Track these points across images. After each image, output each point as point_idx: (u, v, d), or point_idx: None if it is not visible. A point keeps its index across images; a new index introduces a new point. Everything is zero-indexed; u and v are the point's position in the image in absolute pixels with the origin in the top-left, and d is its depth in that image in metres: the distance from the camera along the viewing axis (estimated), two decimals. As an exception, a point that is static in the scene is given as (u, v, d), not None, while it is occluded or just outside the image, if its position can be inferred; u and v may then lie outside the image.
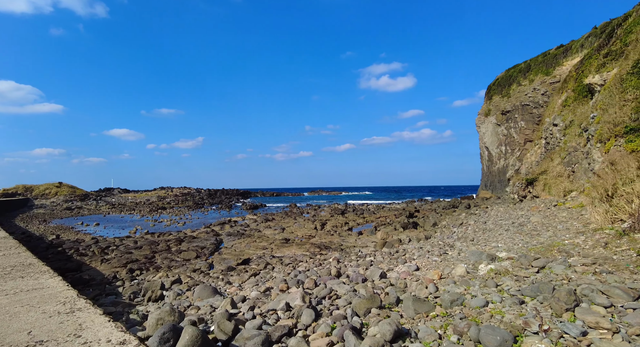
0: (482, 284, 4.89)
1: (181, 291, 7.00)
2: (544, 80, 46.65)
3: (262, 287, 6.51)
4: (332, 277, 5.89)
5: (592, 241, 5.20)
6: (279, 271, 8.81)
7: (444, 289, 4.93)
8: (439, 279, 4.96)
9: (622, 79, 15.73)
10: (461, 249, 7.57)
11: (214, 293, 6.31)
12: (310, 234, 18.85)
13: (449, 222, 18.49)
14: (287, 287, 5.87)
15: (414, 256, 7.70)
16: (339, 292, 5.13)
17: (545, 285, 4.34)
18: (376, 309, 4.55)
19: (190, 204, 54.10)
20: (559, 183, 19.58)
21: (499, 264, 4.96)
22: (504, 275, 5.01)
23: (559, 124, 22.44)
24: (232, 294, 6.43)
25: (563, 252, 5.01)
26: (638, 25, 17.07)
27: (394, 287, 5.12)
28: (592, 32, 43.19)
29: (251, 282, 7.05)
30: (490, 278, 5.02)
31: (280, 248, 14.41)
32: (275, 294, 5.77)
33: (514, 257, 5.62)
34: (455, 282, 5.03)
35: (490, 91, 59.31)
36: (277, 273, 8.10)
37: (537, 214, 11.51)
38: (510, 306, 4.13)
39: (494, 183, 58.12)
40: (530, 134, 48.29)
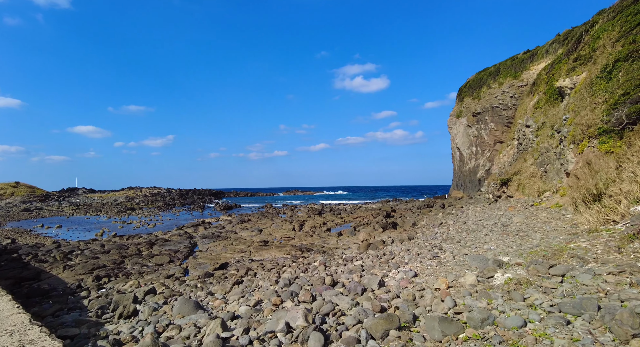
0: (506, 297, 4.40)
1: (157, 304, 6.24)
2: (513, 83, 48.19)
3: (251, 299, 5.89)
4: (327, 287, 5.42)
5: (599, 244, 5.04)
6: (263, 277, 8.30)
7: (464, 303, 4.42)
8: (446, 288, 4.63)
9: (592, 82, 16.24)
10: (452, 251, 7.39)
11: (196, 308, 5.61)
12: (289, 236, 18.37)
13: (428, 222, 18.52)
14: (281, 300, 5.31)
15: (404, 259, 7.43)
16: (341, 307, 4.61)
17: (587, 300, 3.73)
18: (395, 331, 4.01)
19: (161, 205, 52.15)
20: (533, 183, 20.08)
21: (515, 272, 4.64)
22: (527, 286, 4.50)
23: (531, 125, 23.05)
24: (216, 308, 5.78)
25: (576, 258, 4.78)
26: (605, 32, 17.71)
27: (405, 301, 4.68)
28: (555, 39, 45.10)
29: (236, 293, 6.47)
30: (513, 289, 4.50)
31: (259, 251, 13.86)
32: (268, 310, 5.15)
33: (522, 262, 5.27)
34: (472, 294, 4.59)
35: (461, 93, 60.74)
36: (262, 281, 7.58)
37: (518, 214, 11.61)
38: (556, 327, 3.52)
39: (465, 183, 59.61)
40: (499, 135, 49.80)
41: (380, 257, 8.57)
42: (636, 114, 11.53)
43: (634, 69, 14.08)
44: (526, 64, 48.87)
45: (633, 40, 15.09)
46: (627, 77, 14.06)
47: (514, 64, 50.96)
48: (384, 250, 10.04)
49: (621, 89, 13.75)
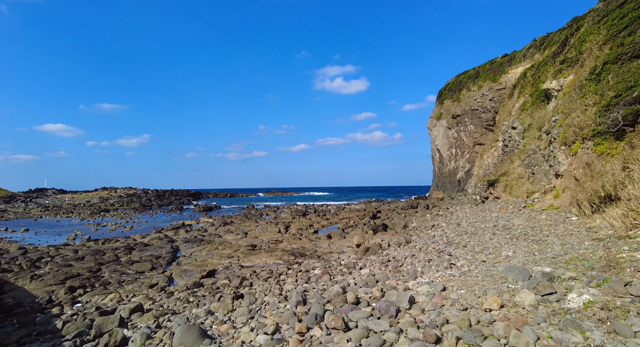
0: (604, 329, 3.48)
1: (150, 329, 5.31)
2: (492, 86, 49.06)
3: (264, 323, 4.95)
4: (352, 307, 4.65)
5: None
6: (263, 289, 7.58)
7: (550, 336, 3.52)
8: (499, 308, 4.08)
9: (581, 84, 16.33)
10: (467, 258, 6.93)
11: (201, 336, 4.50)
12: (276, 239, 17.65)
13: (419, 224, 18.20)
14: (307, 327, 4.52)
15: (416, 267, 6.90)
16: (387, 337, 3.86)
17: None
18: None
19: (137, 206, 50.13)
20: (521, 185, 20.11)
21: (587, 291, 4.05)
22: (623, 313, 3.59)
23: (517, 127, 23.17)
24: (225, 335, 4.84)
25: (638, 272, 4.36)
26: (591, 35, 17.91)
27: (461, 328, 3.86)
28: (532, 44, 46.31)
29: (242, 313, 5.67)
30: (606, 317, 3.59)
31: (248, 256, 13.10)
32: (295, 341, 4.20)
33: (576, 276, 4.52)
34: (549, 322, 3.73)
35: (441, 96, 61.47)
36: (267, 295, 6.85)
37: (516, 216, 11.36)
38: None
39: (444, 184, 60.34)
40: (479, 137, 50.59)
41: (385, 263, 8.01)
42: (632, 116, 11.50)
43: (624, 71, 14.19)
44: (504, 68, 49.87)
45: (621, 43, 15.25)
46: (617, 79, 14.15)
47: (492, 67, 51.88)
48: (385, 255, 9.53)
49: (612, 90, 13.81)
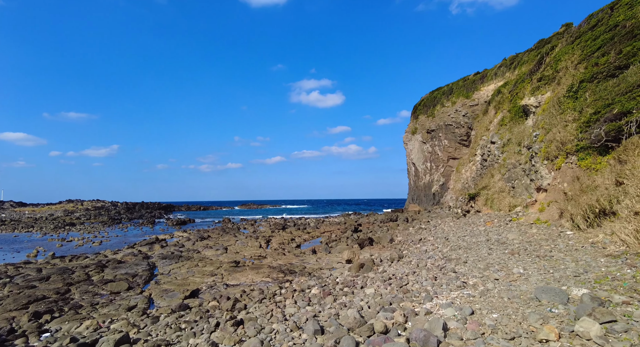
0: None
1: None
2: (465, 102, 50.68)
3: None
4: (386, 338, 4.19)
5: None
6: (262, 313, 6.93)
7: None
8: (557, 339, 3.72)
9: (559, 101, 16.89)
10: (476, 276, 6.64)
11: None
12: (259, 254, 16.93)
13: (405, 238, 18.01)
14: None
15: (423, 286, 6.52)
16: None
17: None
18: None
19: (106, 220, 47.61)
20: (502, 198, 20.41)
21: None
22: None
23: (496, 141, 23.70)
24: None
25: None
26: (566, 55, 18.69)
27: None
28: (502, 63, 48.47)
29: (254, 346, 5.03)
30: None
31: (233, 274, 12.35)
32: None
33: (630, 301, 4.17)
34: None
35: (416, 111, 62.88)
36: (272, 322, 6.19)
37: (509, 231, 11.32)
38: None
39: (420, 197, 61.24)
40: (453, 151, 51.86)
41: (387, 281, 7.60)
42: (615, 132, 11.87)
43: (600, 89, 14.77)
44: (477, 85, 51.70)
45: (596, 63, 15.94)
46: (594, 96, 14.69)
47: (465, 84, 53.68)
48: (382, 272, 9.15)
49: (591, 107, 14.30)
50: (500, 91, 38.31)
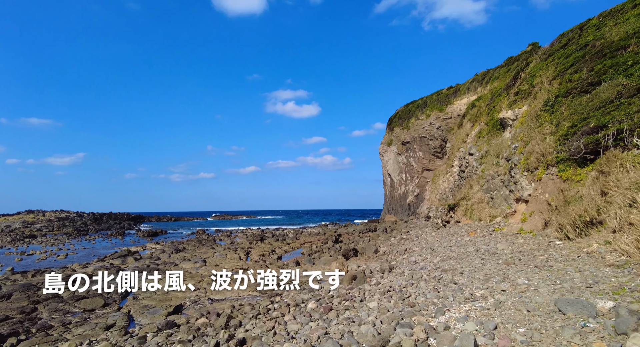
0: None
1: None
2: (439, 116, 52.19)
3: None
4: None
5: None
6: (264, 330, 6.45)
7: None
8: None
9: (536, 115, 17.52)
10: (479, 287, 6.50)
11: None
12: (240, 266, 16.33)
13: (389, 249, 17.95)
14: None
15: (428, 298, 6.30)
16: None
17: None
18: None
19: (71, 231, 44.98)
20: (482, 209, 20.79)
21: None
22: None
23: (474, 153, 24.27)
24: None
25: None
26: (541, 70, 19.53)
27: None
28: (474, 78, 50.44)
29: None
30: None
31: (217, 287, 11.76)
32: None
33: None
34: None
35: (391, 123, 64.11)
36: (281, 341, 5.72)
37: (495, 241, 11.42)
38: None
39: (395, 207, 62.01)
40: (427, 163, 53.02)
41: (386, 294, 7.36)
42: (593, 144, 12.35)
43: (575, 104, 15.44)
44: (450, 99, 53.44)
45: (569, 79, 16.69)
46: (570, 111, 15.33)
47: (439, 98, 55.32)
48: (376, 284, 8.92)
49: (567, 121, 14.89)
50: (474, 105, 39.63)
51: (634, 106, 12.57)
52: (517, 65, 42.81)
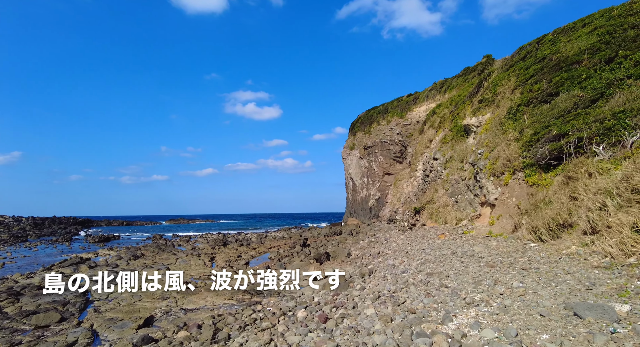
0: None
1: None
2: (399, 122, 53.79)
3: None
4: None
5: None
6: (260, 342, 5.89)
7: None
8: None
9: (501, 122, 18.38)
10: (475, 291, 6.46)
11: None
12: (209, 274, 15.54)
13: (361, 252, 17.93)
14: None
15: (425, 303, 6.15)
16: None
17: None
18: None
19: (6, 238, 40.74)
20: (447, 212, 21.43)
21: None
22: None
23: (439, 158, 25.04)
24: None
25: None
26: (502, 81, 20.58)
27: None
28: (433, 87, 52.60)
29: None
30: None
31: (187, 296, 10.98)
32: None
33: None
34: None
35: (354, 128, 65.14)
36: None
37: (476, 244, 11.70)
38: None
39: (357, 211, 62.87)
40: (388, 167, 54.35)
41: (377, 299, 7.14)
42: (557, 151, 13.12)
43: (536, 113, 16.38)
44: (410, 106, 55.28)
45: (530, 90, 17.71)
46: (532, 119, 16.22)
47: (399, 105, 57.04)
48: (362, 289, 8.71)
49: (530, 129, 15.74)
50: (435, 112, 41.16)
51: (590, 116, 13.53)
52: (474, 75, 45.26)
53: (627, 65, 14.29)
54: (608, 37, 16.03)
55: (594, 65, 15.43)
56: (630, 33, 15.52)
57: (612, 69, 14.69)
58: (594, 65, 15.44)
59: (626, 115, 11.92)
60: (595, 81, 14.69)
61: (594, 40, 16.45)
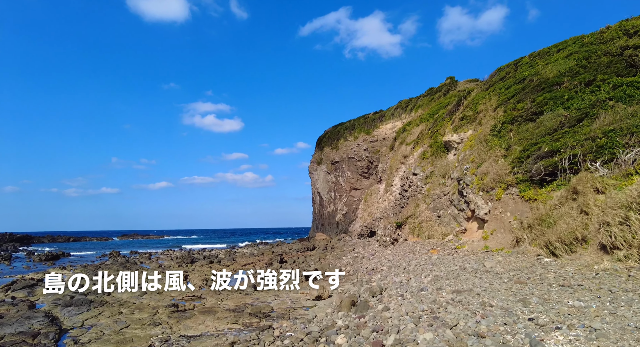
0: None
1: None
2: (366, 138, 54.76)
3: None
4: None
5: None
6: None
7: None
8: None
9: (485, 139, 18.85)
10: (532, 310, 6.06)
11: None
12: (192, 294, 14.18)
13: (352, 269, 17.32)
14: None
15: (491, 327, 5.64)
16: None
17: None
18: None
19: None
20: (431, 227, 21.47)
21: None
22: None
23: (419, 173, 25.27)
24: None
25: None
26: (483, 99, 21.32)
27: None
28: (399, 105, 54.30)
29: None
30: None
31: (182, 321, 9.71)
32: None
33: None
34: None
35: (321, 143, 65.40)
36: None
37: (487, 260, 11.49)
38: None
39: (324, 226, 62.39)
40: (355, 182, 54.73)
41: (419, 321, 6.46)
42: (552, 167, 13.51)
43: (522, 130, 16.96)
44: (376, 123, 56.60)
45: (514, 108, 18.41)
46: (519, 136, 16.75)
47: (366, 121, 58.24)
48: (387, 310, 8.05)
49: (518, 146, 16.21)
50: (405, 129, 42.22)
51: (579, 135, 14.16)
52: (440, 96, 47.28)
53: (606, 88, 15.23)
54: (585, 62, 17.10)
55: (575, 87, 16.33)
56: (604, 59, 16.66)
57: (593, 91, 15.59)
58: (574, 87, 16.34)
59: (616, 134, 12.57)
60: (578, 102, 15.49)
61: (572, 64, 17.47)
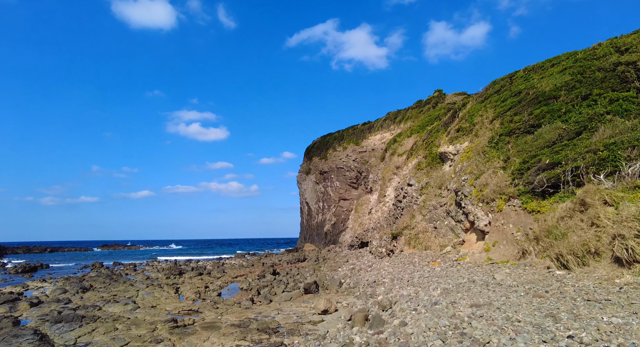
0: None
1: None
2: (355, 149, 54.89)
3: None
4: None
5: None
6: None
7: None
8: None
9: (483, 150, 18.93)
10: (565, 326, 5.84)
11: None
12: (189, 308, 13.52)
13: (352, 281, 16.93)
14: None
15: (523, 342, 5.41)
16: None
17: None
18: None
19: None
20: (428, 238, 21.32)
21: None
22: None
23: (414, 184, 25.23)
24: None
25: None
26: (478, 111, 21.53)
27: None
28: (387, 116, 54.81)
29: None
30: None
31: (185, 338, 9.13)
32: None
33: None
34: None
35: (310, 152, 65.17)
36: None
37: (497, 272, 11.31)
38: None
39: (312, 236, 61.76)
40: (344, 193, 54.54)
41: (445, 337, 6.18)
42: (554, 179, 13.57)
43: (521, 142, 17.10)
44: (365, 134, 56.88)
45: (511, 120, 18.62)
46: (517, 148, 16.86)
47: (355, 132, 58.48)
48: (405, 325, 7.73)
49: (517, 158, 16.30)
50: (395, 140, 42.47)
51: (579, 147, 14.31)
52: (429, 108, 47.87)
53: (603, 103, 15.53)
54: (580, 77, 17.46)
55: (572, 100, 16.61)
56: (599, 74, 17.04)
57: (589, 105, 15.88)
58: (571, 101, 16.62)
59: (618, 147, 12.73)
60: (576, 115, 15.73)
61: (567, 78, 17.82)
